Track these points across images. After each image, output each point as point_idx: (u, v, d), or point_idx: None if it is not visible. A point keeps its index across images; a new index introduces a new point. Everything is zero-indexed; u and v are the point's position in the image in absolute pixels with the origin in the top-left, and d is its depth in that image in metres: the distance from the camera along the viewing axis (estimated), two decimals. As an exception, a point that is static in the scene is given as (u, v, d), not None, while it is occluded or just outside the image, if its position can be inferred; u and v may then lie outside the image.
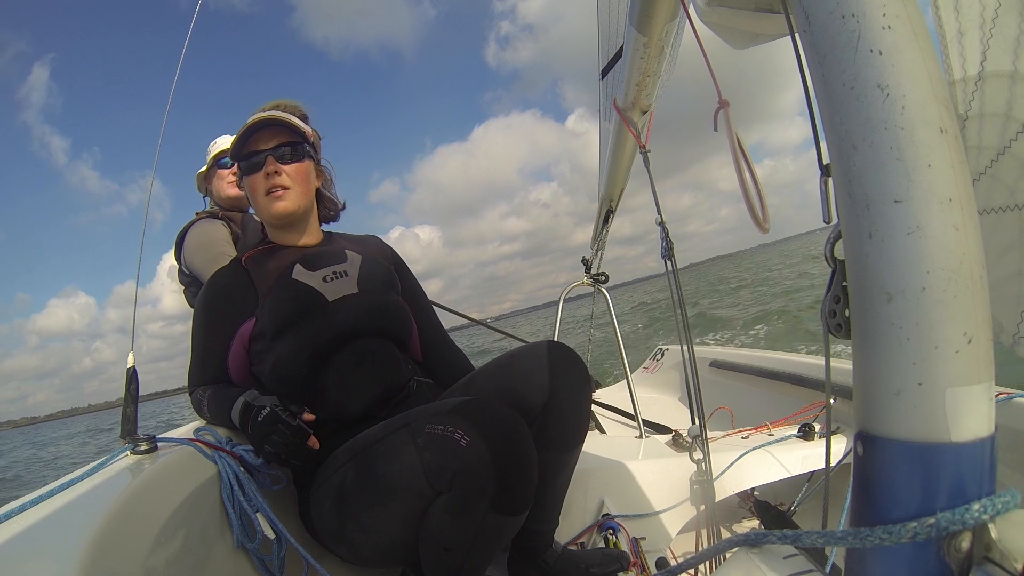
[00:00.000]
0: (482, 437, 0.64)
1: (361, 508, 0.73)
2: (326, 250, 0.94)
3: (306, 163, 0.91)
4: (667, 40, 1.01)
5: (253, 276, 0.89)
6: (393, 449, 0.70)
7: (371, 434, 0.77)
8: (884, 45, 0.29)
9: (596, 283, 1.86)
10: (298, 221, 0.93)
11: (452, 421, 0.66)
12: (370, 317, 0.89)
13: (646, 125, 1.26)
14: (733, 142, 0.50)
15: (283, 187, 0.88)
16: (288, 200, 0.88)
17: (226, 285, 0.89)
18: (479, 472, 0.64)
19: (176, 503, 0.66)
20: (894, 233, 0.28)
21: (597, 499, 1.06)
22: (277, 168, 0.87)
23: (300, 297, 0.86)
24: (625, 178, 1.68)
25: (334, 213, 1.02)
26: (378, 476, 0.71)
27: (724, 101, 0.53)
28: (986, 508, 0.27)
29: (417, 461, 0.66)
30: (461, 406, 0.69)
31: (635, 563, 0.91)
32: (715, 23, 0.51)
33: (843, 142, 0.30)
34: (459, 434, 0.65)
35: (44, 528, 0.54)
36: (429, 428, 0.67)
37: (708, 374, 1.92)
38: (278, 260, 0.90)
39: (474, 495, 0.65)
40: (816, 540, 0.32)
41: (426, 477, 0.66)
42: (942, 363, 0.28)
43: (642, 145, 1.20)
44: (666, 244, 1.08)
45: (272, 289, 0.87)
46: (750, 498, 1.18)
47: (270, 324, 0.84)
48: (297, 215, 0.91)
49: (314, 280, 0.88)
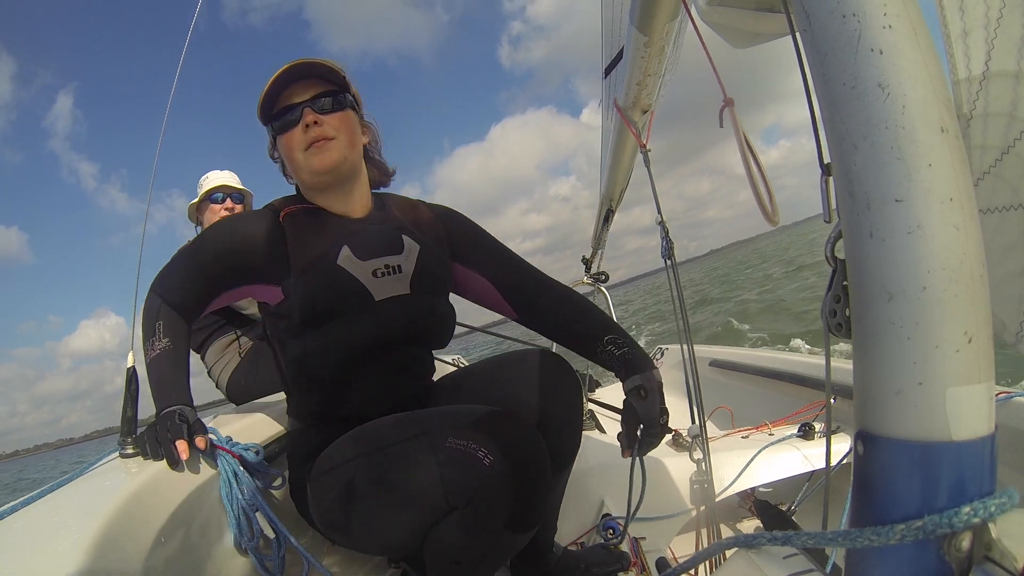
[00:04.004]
0: (504, 456, 0.62)
1: (370, 509, 0.70)
2: (380, 231, 0.81)
3: (350, 113, 0.78)
4: (668, 39, 1.01)
5: (289, 240, 0.75)
6: (412, 459, 0.66)
7: (384, 433, 0.71)
8: (885, 44, 0.29)
9: (596, 282, 1.86)
10: (345, 179, 0.78)
11: (475, 437, 0.62)
12: (416, 324, 0.81)
13: (647, 124, 1.26)
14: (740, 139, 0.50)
15: (326, 138, 0.74)
16: (333, 151, 0.74)
17: (254, 235, 0.75)
18: (499, 492, 0.62)
19: (176, 503, 0.67)
20: (895, 232, 0.28)
21: (597, 499, 1.06)
22: (317, 118, 0.74)
23: (343, 291, 0.75)
24: (626, 177, 1.68)
25: (384, 179, 0.88)
26: (394, 484, 0.67)
27: (729, 99, 0.53)
28: (986, 507, 0.27)
29: (437, 476, 0.63)
30: (484, 421, 0.65)
31: (635, 563, 0.91)
32: (716, 22, 0.51)
33: (844, 141, 0.30)
34: (482, 452, 0.61)
35: (43, 528, 0.54)
36: (451, 443, 0.63)
37: (708, 373, 1.92)
38: (322, 232, 0.77)
39: (492, 514, 0.63)
40: (807, 541, 0.32)
41: (444, 493, 0.63)
42: (942, 362, 0.28)
43: (642, 144, 1.20)
44: (666, 244, 1.08)
45: (311, 269, 0.74)
46: (750, 498, 1.18)
47: (302, 310, 0.74)
48: (345, 170, 0.77)
49: (363, 273, 0.76)
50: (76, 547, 0.50)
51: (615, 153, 1.53)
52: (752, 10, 0.47)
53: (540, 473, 0.65)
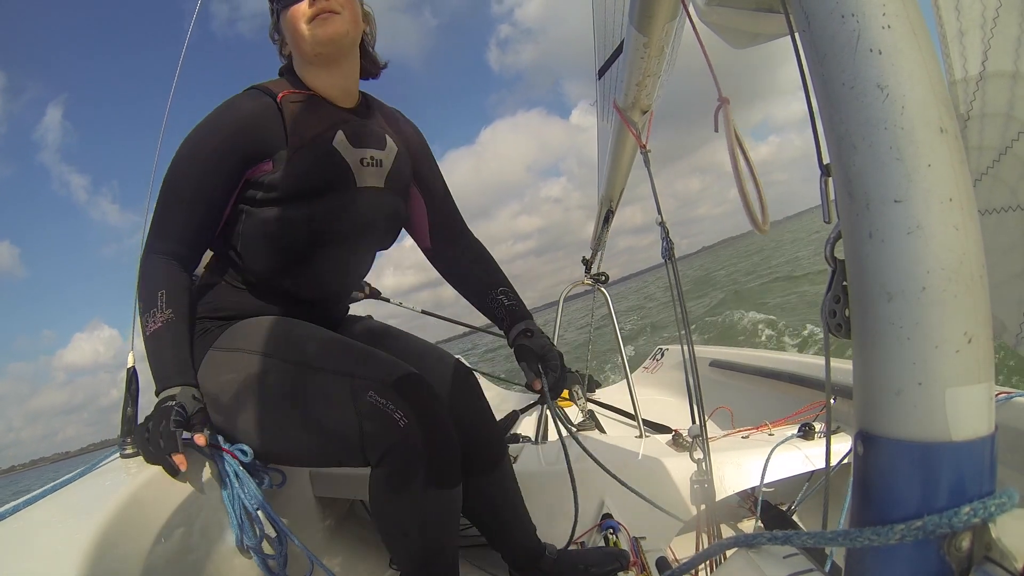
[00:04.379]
0: (419, 421, 0.69)
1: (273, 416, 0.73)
2: (369, 125, 0.85)
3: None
4: (667, 40, 1.01)
5: (287, 119, 0.77)
6: (332, 396, 0.71)
7: (308, 350, 0.74)
8: (884, 45, 0.29)
9: (596, 283, 1.86)
10: (344, 54, 0.81)
11: (394, 399, 0.69)
12: (382, 218, 0.87)
13: (646, 125, 1.26)
14: (732, 142, 0.50)
15: (332, 11, 0.76)
16: (338, 23, 0.76)
17: (255, 114, 0.76)
18: (412, 452, 0.69)
19: (176, 503, 0.66)
20: (894, 233, 0.28)
21: (597, 499, 1.06)
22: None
23: (333, 170, 0.79)
24: (625, 178, 1.68)
25: (375, 70, 0.92)
26: (309, 409, 0.72)
27: (724, 99, 0.53)
28: (986, 508, 0.27)
29: (356, 426, 0.69)
30: (404, 384, 0.71)
31: (635, 563, 0.91)
32: (715, 23, 0.51)
33: (843, 142, 0.30)
34: (399, 414, 0.68)
35: (43, 529, 0.54)
36: (371, 397, 0.69)
37: (708, 374, 1.92)
38: (319, 116, 0.80)
39: (408, 472, 0.70)
40: (807, 540, 0.32)
41: (362, 445, 0.69)
42: (942, 363, 0.28)
43: (642, 145, 1.20)
44: (666, 244, 1.08)
45: (309, 146, 0.77)
46: (750, 498, 1.18)
47: (289, 185, 0.76)
48: (346, 44, 0.79)
49: (353, 158, 0.80)
50: (76, 547, 0.50)
51: (614, 154, 1.53)
52: (751, 10, 0.47)
53: (447, 433, 0.72)
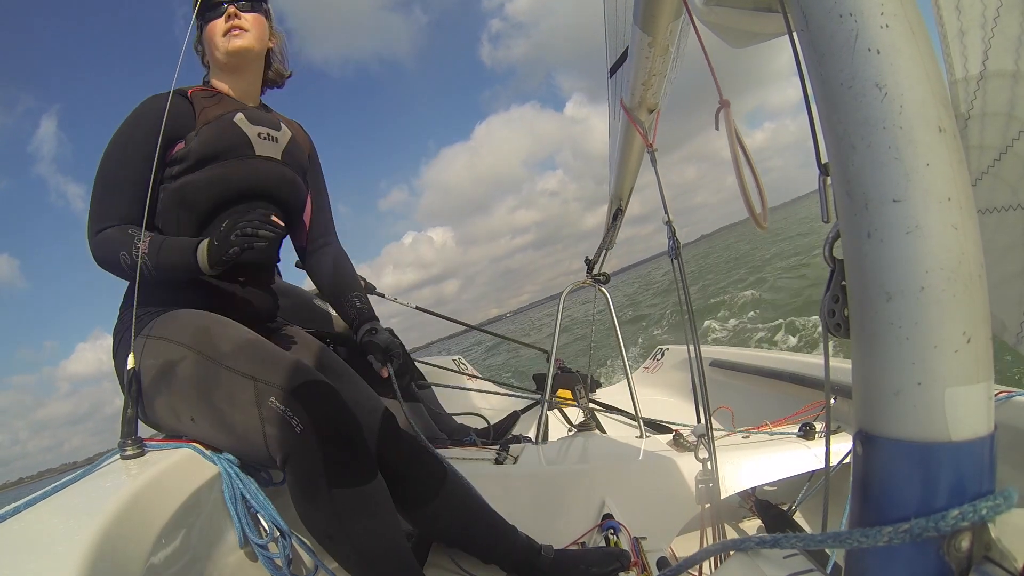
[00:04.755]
0: (314, 428, 0.72)
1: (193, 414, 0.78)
2: (265, 113, 1.02)
3: (262, 17, 1.00)
4: (672, 39, 1.01)
5: (196, 107, 0.92)
6: (237, 396, 0.75)
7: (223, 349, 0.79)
8: (882, 44, 0.29)
9: (597, 283, 1.85)
10: (248, 65, 1.00)
11: (292, 405, 0.73)
12: (281, 186, 0.99)
13: (653, 124, 1.26)
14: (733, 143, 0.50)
15: (241, 28, 0.96)
16: (245, 39, 0.96)
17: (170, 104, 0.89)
18: (309, 457, 0.72)
19: (177, 503, 0.67)
20: (893, 233, 0.28)
21: (597, 499, 1.06)
22: (237, 12, 0.96)
23: (234, 138, 0.93)
24: (634, 176, 1.68)
25: (280, 80, 1.09)
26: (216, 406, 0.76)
27: (725, 101, 0.53)
28: (975, 511, 0.27)
29: (260, 429, 0.73)
30: (303, 391, 0.75)
31: (636, 563, 0.91)
32: (713, 22, 0.51)
33: (841, 141, 0.30)
34: (295, 420, 0.72)
35: (44, 530, 0.54)
36: (272, 403, 0.73)
37: (709, 373, 1.90)
38: (222, 105, 0.96)
39: (310, 474, 0.72)
40: (795, 543, 0.32)
41: (267, 447, 0.73)
42: (941, 362, 0.28)
43: (649, 144, 1.19)
44: (673, 243, 1.08)
45: (212, 122, 0.92)
46: (751, 498, 1.18)
47: (197, 151, 0.89)
48: (250, 56, 0.98)
49: (251, 131, 0.96)
50: (77, 548, 0.50)
51: (623, 153, 1.52)
52: (750, 10, 0.47)
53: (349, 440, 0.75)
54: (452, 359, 2.83)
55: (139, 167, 0.86)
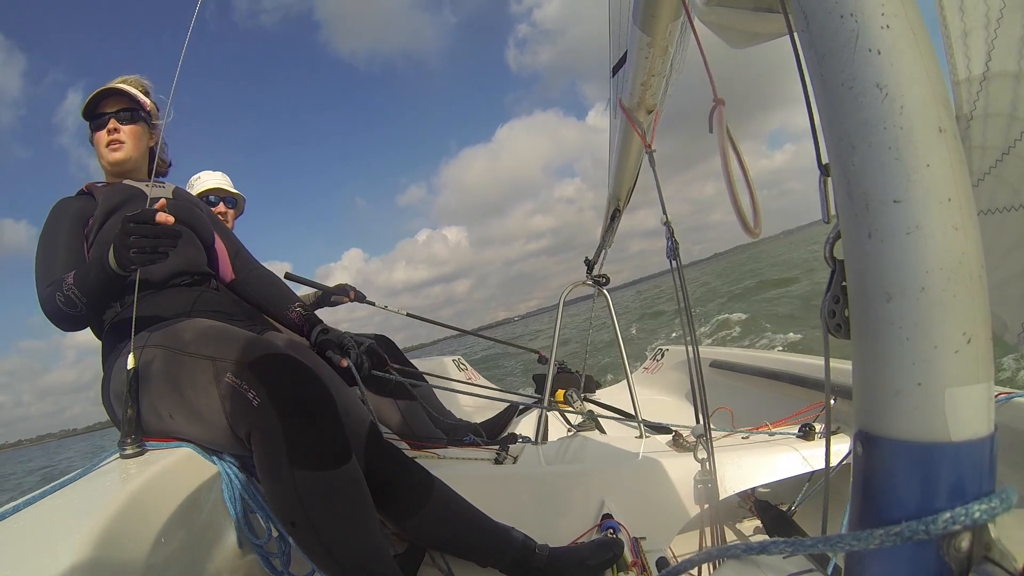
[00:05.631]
0: (270, 399, 0.70)
1: (168, 408, 0.80)
2: None
3: (140, 126, 1.14)
4: (671, 40, 1.01)
5: (95, 195, 1.07)
6: (198, 380, 0.76)
7: (185, 338, 0.82)
8: (883, 44, 0.29)
9: (597, 284, 1.85)
10: (130, 169, 1.14)
11: (248, 378, 0.72)
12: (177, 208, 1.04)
13: (652, 125, 1.25)
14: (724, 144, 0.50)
15: (120, 141, 1.10)
16: (122, 152, 1.10)
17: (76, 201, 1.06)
18: (268, 432, 0.69)
19: (176, 503, 0.67)
20: (893, 233, 0.28)
21: (597, 499, 1.06)
22: (117, 126, 1.10)
23: (127, 191, 1.08)
24: (633, 177, 1.68)
25: (164, 168, 1.25)
26: (183, 393, 0.77)
27: (720, 100, 0.53)
28: (985, 508, 0.27)
29: (219, 406, 0.73)
30: (260, 363, 0.74)
31: (635, 563, 0.91)
32: (714, 23, 0.51)
33: (842, 142, 0.30)
34: (252, 393, 0.70)
35: (44, 529, 0.54)
36: (229, 378, 0.73)
37: (708, 374, 1.91)
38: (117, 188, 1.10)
39: (271, 451, 0.70)
40: (784, 548, 0.32)
41: (230, 426, 0.73)
42: (941, 363, 0.28)
43: (647, 145, 1.19)
44: (671, 244, 1.08)
45: (110, 188, 1.08)
46: (750, 498, 1.18)
47: (101, 212, 1.02)
48: (129, 163, 1.12)
49: (140, 185, 1.11)
50: (77, 547, 0.50)
51: (621, 153, 1.53)
52: (750, 10, 0.47)
53: (310, 414, 0.72)
54: (452, 359, 2.83)
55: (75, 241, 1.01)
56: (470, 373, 2.83)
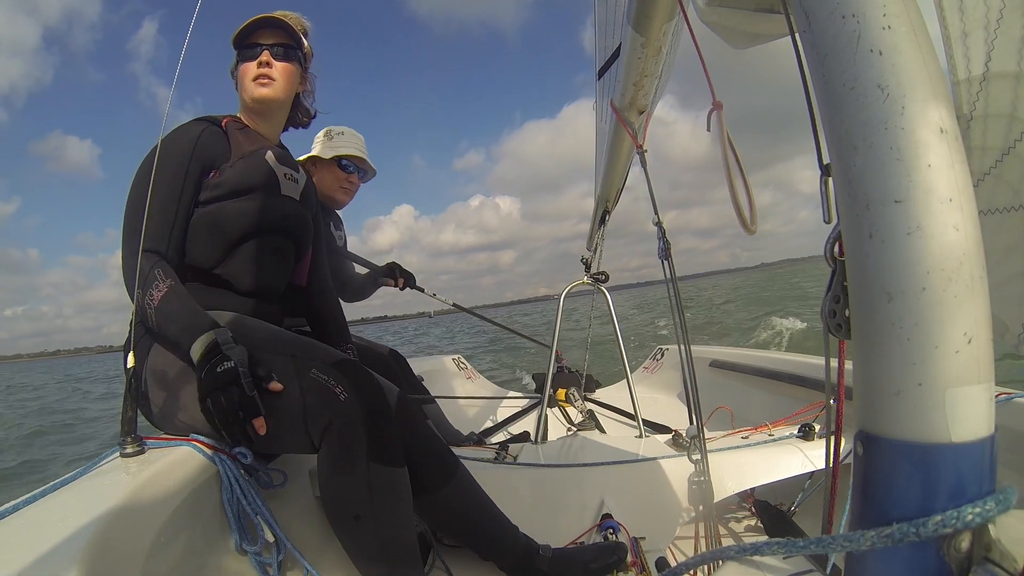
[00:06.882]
0: (358, 396, 0.75)
1: None
2: (288, 155, 1.08)
3: (294, 65, 1.03)
4: (665, 40, 1.01)
5: (231, 138, 0.98)
6: (278, 373, 0.77)
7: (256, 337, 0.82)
8: (884, 45, 0.29)
9: (596, 282, 1.85)
10: (273, 111, 1.04)
11: (335, 376, 0.76)
12: (298, 225, 1.06)
13: (643, 125, 1.26)
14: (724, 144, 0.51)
15: (270, 78, 0.99)
16: (271, 89, 1.00)
17: (207, 133, 0.94)
18: (352, 425, 0.74)
19: (176, 503, 0.66)
20: (894, 233, 0.28)
21: (597, 499, 1.06)
22: (270, 60, 0.99)
23: (265, 176, 0.99)
24: (623, 177, 1.68)
25: (306, 120, 1.15)
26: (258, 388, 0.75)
27: (718, 103, 0.53)
28: (985, 508, 0.27)
29: (299, 400, 0.75)
30: (343, 365, 0.79)
31: (635, 563, 0.91)
32: (715, 23, 0.51)
33: (843, 142, 0.30)
34: (339, 389, 0.75)
35: (43, 528, 0.54)
36: (314, 374, 0.76)
37: (708, 374, 1.91)
38: (253, 140, 1.01)
39: (349, 445, 0.74)
40: (777, 549, 0.32)
41: (304, 419, 0.74)
42: (942, 363, 0.28)
43: (639, 145, 1.20)
44: (663, 244, 1.08)
45: (246, 157, 0.97)
46: (750, 498, 1.18)
47: (232, 182, 0.94)
48: (275, 104, 1.03)
49: (279, 171, 1.02)
50: (76, 547, 0.50)
51: (611, 154, 1.53)
52: (751, 11, 0.47)
53: (386, 409, 0.79)
54: (451, 358, 2.83)
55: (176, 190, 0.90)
56: (469, 372, 2.83)
